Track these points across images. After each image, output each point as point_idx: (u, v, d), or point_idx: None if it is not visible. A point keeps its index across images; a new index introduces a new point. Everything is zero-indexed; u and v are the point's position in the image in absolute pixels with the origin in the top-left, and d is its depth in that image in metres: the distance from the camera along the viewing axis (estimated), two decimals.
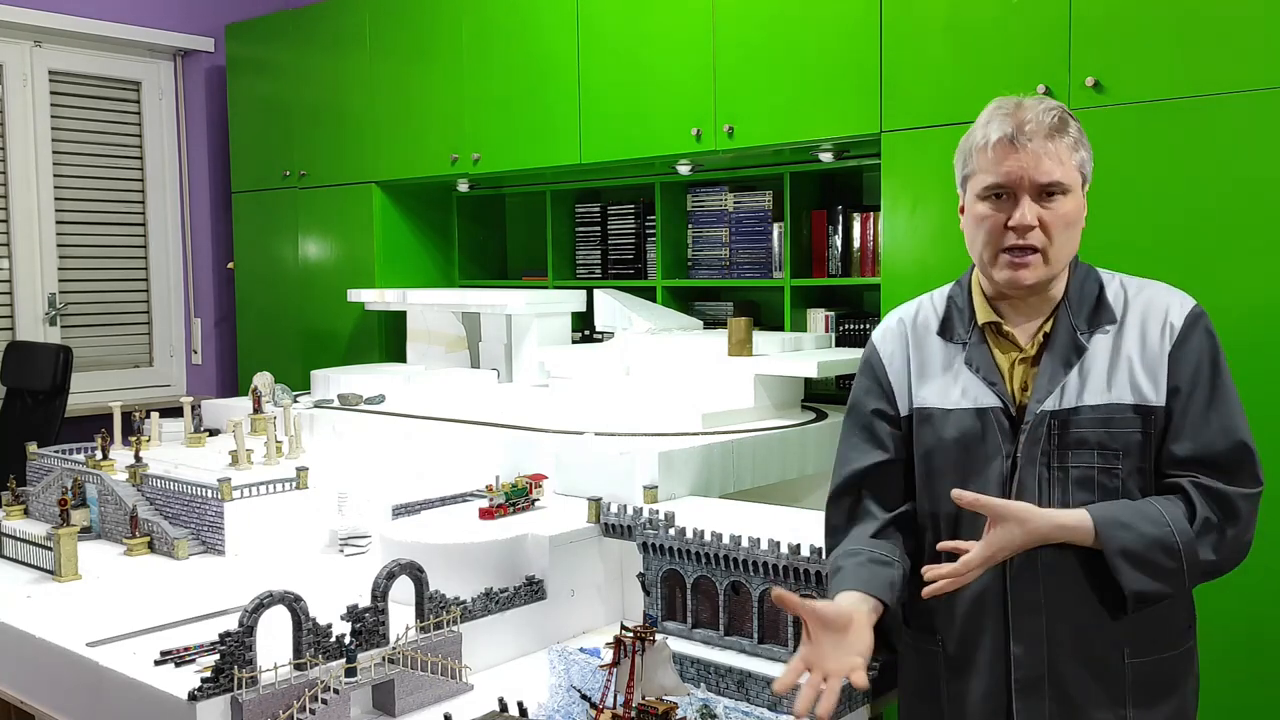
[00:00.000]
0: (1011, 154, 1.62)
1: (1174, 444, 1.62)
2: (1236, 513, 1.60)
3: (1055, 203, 1.63)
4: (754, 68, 3.36)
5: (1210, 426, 1.61)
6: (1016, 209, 1.62)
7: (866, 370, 1.83)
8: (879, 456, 1.78)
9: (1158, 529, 1.56)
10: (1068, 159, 1.63)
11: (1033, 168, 1.61)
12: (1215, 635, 1.86)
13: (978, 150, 1.66)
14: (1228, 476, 1.60)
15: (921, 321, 1.80)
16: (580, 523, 2.27)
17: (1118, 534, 1.56)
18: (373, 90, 4.49)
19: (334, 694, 1.70)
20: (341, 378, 3.75)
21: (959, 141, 1.73)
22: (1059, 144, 1.62)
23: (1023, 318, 1.71)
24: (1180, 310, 1.66)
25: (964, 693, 1.71)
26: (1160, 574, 1.57)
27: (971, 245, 1.72)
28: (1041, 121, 1.61)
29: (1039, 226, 1.62)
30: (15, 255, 4.82)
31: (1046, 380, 1.65)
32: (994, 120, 1.65)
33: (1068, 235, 1.65)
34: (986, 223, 1.66)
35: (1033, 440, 1.64)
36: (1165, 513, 1.58)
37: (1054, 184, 1.62)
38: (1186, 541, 1.56)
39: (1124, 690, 1.64)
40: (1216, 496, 1.59)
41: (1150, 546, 1.56)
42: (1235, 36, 2.56)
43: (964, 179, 1.71)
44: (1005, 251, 1.64)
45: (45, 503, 2.89)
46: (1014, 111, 1.64)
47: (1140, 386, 1.63)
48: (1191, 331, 1.64)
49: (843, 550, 1.72)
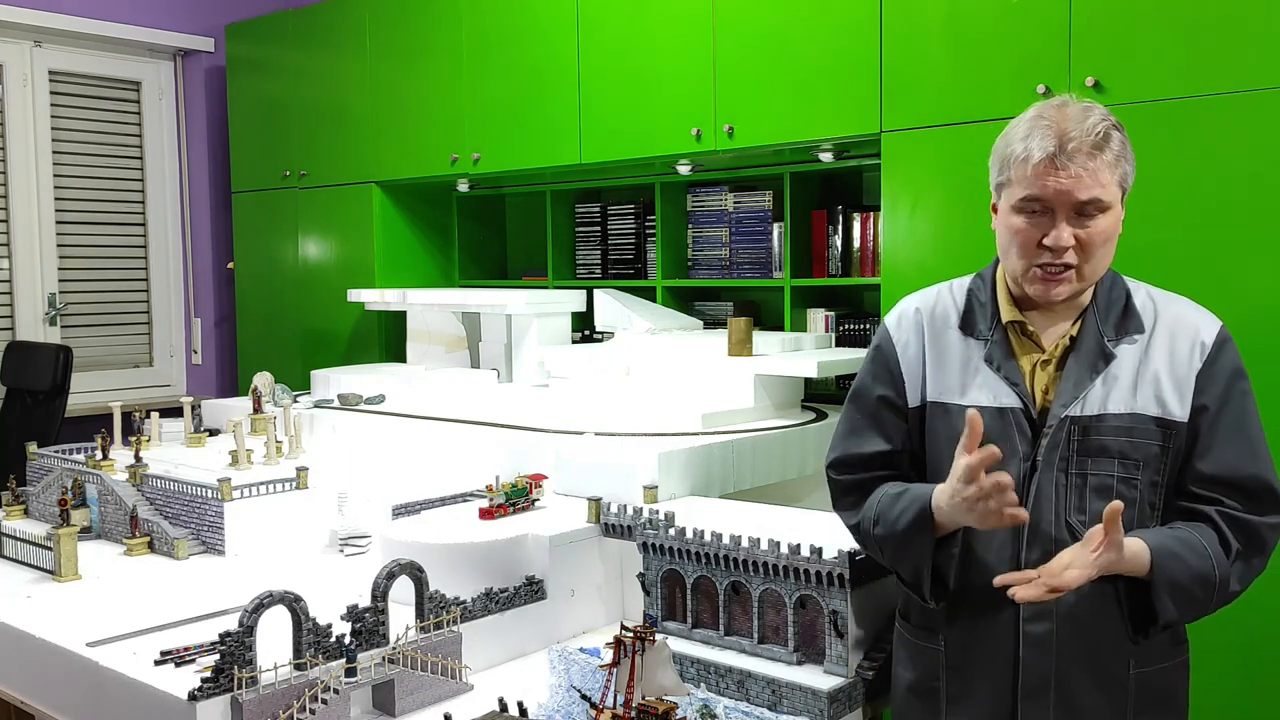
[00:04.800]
0: (1052, 173, 1.57)
1: (1200, 461, 1.62)
2: (1264, 544, 1.61)
3: (1093, 221, 1.59)
4: (754, 68, 3.36)
5: (1238, 449, 1.61)
6: (1052, 228, 1.59)
7: (877, 356, 1.80)
8: (881, 445, 1.76)
9: (1202, 562, 1.57)
10: (1109, 178, 1.59)
11: (1072, 188, 1.56)
12: (1207, 645, 1.86)
13: (1017, 162, 1.60)
14: (1254, 504, 1.61)
15: (940, 313, 1.76)
16: (580, 523, 2.27)
17: (1170, 565, 1.56)
18: (373, 90, 4.49)
19: (334, 694, 1.70)
20: (341, 378, 3.75)
21: (995, 142, 1.68)
22: (1100, 161, 1.57)
23: (1048, 320, 1.69)
24: (1210, 330, 1.65)
25: (966, 694, 1.70)
26: (1193, 605, 1.59)
27: (1004, 253, 1.68)
28: (1085, 139, 1.56)
29: (1074, 245, 1.59)
30: (15, 255, 4.82)
31: (1072, 385, 1.63)
32: (1035, 133, 1.59)
33: (1104, 251, 1.63)
34: (1020, 236, 1.62)
35: (1053, 445, 1.62)
36: (1207, 545, 1.58)
37: (1093, 204, 1.58)
38: (1223, 576, 1.57)
39: (1127, 700, 1.64)
40: (1245, 529, 1.60)
41: (1193, 580, 1.56)
42: (1235, 36, 2.56)
43: (999, 185, 1.67)
44: (1039, 267, 1.62)
45: (45, 503, 2.89)
46: (1057, 122, 1.58)
47: (1166, 401, 1.61)
48: (1221, 352, 1.64)
49: (891, 489, 1.71)
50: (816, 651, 1.92)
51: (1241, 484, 1.61)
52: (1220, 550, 1.58)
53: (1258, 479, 1.61)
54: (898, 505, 1.67)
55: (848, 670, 1.87)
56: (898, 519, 1.66)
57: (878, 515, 1.71)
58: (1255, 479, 1.61)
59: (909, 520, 1.64)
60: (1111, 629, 1.63)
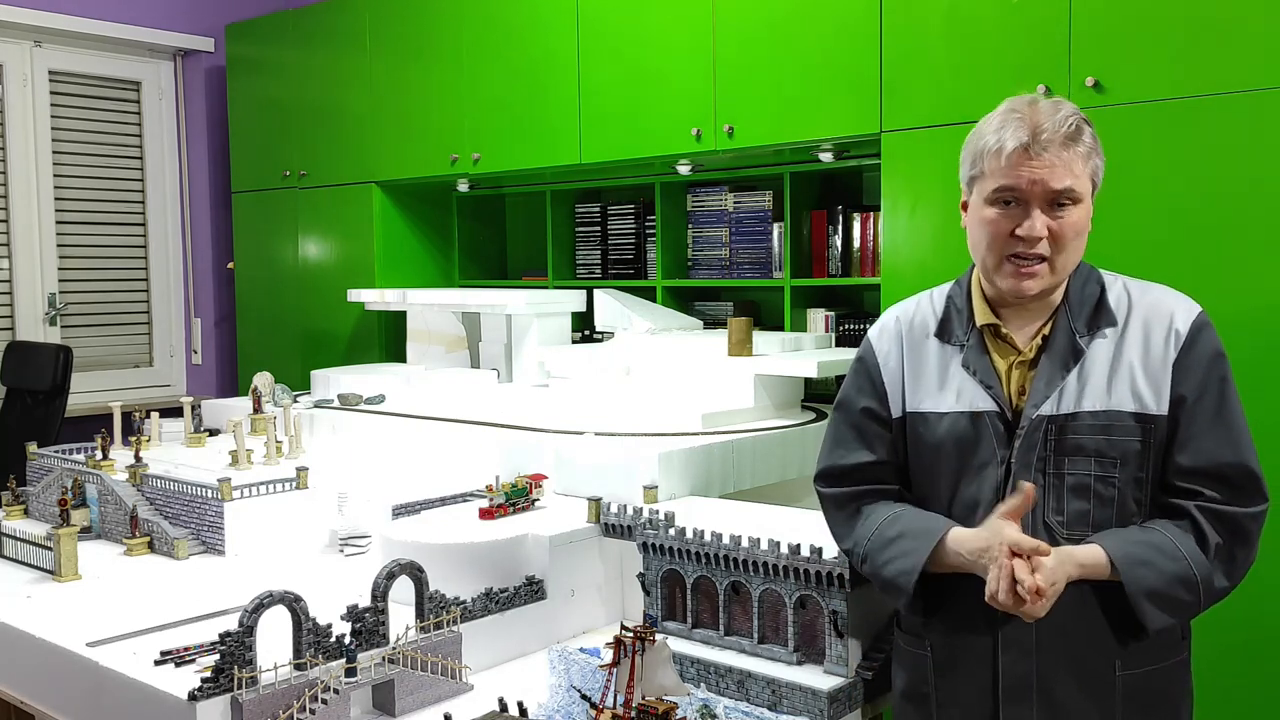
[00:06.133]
0: (1025, 162, 1.57)
1: (1180, 454, 1.60)
2: (1247, 535, 1.59)
3: (1065, 212, 1.60)
4: (754, 68, 3.36)
5: (1217, 437, 1.59)
6: (1026, 218, 1.59)
7: (860, 368, 1.81)
8: (866, 456, 1.76)
9: (1176, 564, 1.55)
10: (1081, 169, 1.60)
11: (1046, 177, 1.57)
12: (1210, 645, 1.86)
13: (990, 154, 1.61)
14: (1234, 494, 1.59)
15: (919, 322, 1.77)
16: (580, 523, 2.27)
17: (1141, 574, 1.54)
18: (373, 90, 4.49)
19: (334, 694, 1.70)
20: (341, 378, 3.75)
21: (965, 139, 1.70)
22: (1073, 152, 1.58)
23: (1022, 320, 1.68)
24: (1186, 316, 1.63)
25: (953, 698, 1.70)
26: (1179, 608, 1.57)
27: (974, 248, 1.68)
28: (1057, 130, 1.57)
29: (1047, 236, 1.59)
30: (15, 255, 4.82)
31: (1044, 384, 1.62)
32: (1009, 125, 1.60)
33: (1075, 244, 1.62)
34: (992, 228, 1.62)
35: (1028, 446, 1.61)
36: (1180, 545, 1.56)
37: (1066, 194, 1.59)
38: (1204, 575, 1.56)
39: (1114, 702, 1.62)
40: (1225, 520, 1.58)
41: (1171, 584, 1.55)
42: (1235, 36, 2.56)
43: (971, 179, 1.67)
44: (1011, 259, 1.61)
45: (45, 503, 2.89)
46: (1029, 115, 1.59)
47: (1142, 394, 1.60)
48: (1197, 339, 1.61)
49: (886, 515, 1.70)
50: (816, 652, 1.92)
51: (1222, 473, 1.59)
52: (1196, 548, 1.56)
53: (1238, 466, 1.59)
54: (888, 551, 1.67)
55: (848, 670, 1.87)
56: (886, 565, 1.66)
57: (867, 554, 1.71)
58: (1235, 466, 1.59)
59: (896, 573, 1.64)
60: (1092, 630, 1.61)
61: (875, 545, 1.69)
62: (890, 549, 1.66)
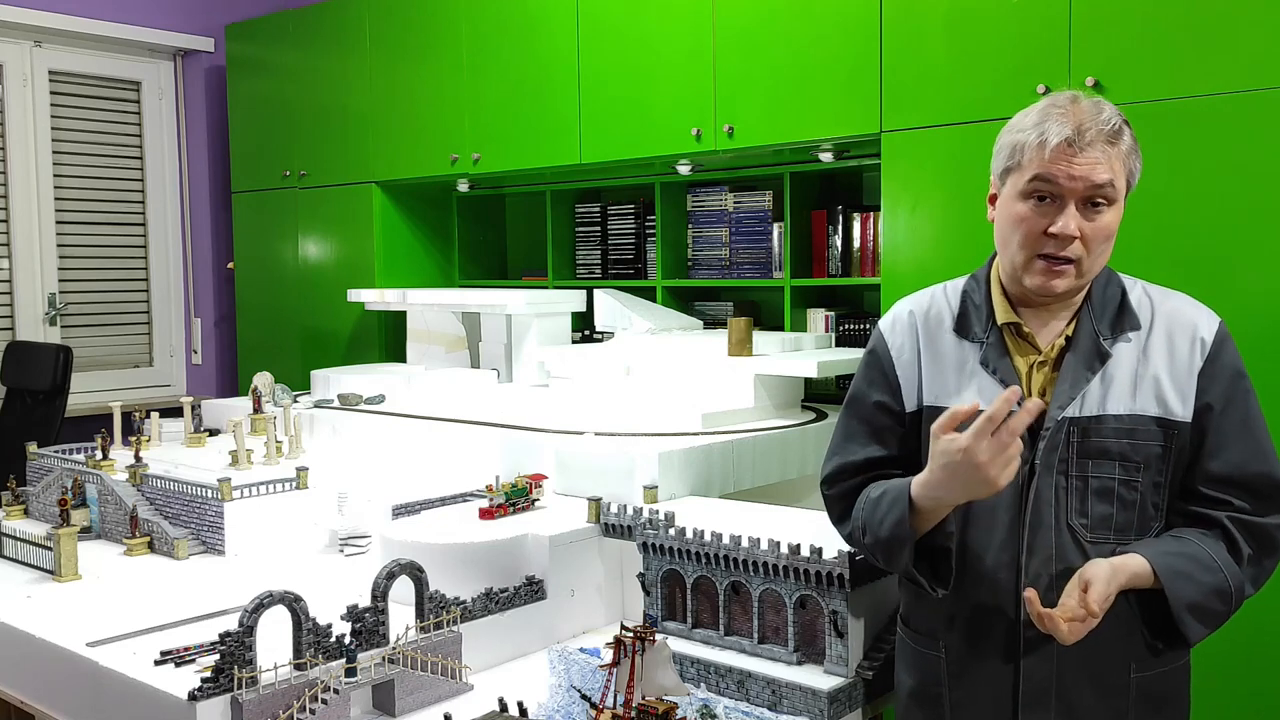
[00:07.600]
0: (1068, 157, 1.55)
1: (1210, 462, 1.60)
2: (1276, 547, 1.60)
3: (1099, 213, 1.58)
4: (754, 68, 3.36)
5: (1246, 447, 1.60)
6: (1060, 216, 1.57)
7: (872, 361, 1.78)
8: (878, 452, 1.74)
9: (1214, 576, 1.55)
10: (1120, 169, 1.58)
11: (1088, 173, 1.55)
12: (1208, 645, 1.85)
13: (1031, 146, 1.58)
14: (1262, 504, 1.60)
15: (934, 315, 1.74)
16: (580, 523, 2.27)
17: (1183, 587, 1.54)
18: (373, 90, 4.49)
19: (334, 694, 1.70)
20: (341, 378, 3.75)
21: (999, 133, 1.66)
22: (1115, 151, 1.57)
23: (1043, 320, 1.66)
24: (1209, 325, 1.63)
25: (968, 701, 1.69)
26: (1215, 619, 1.58)
27: (1003, 244, 1.65)
28: (1101, 129, 1.56)
29: (1079, 238, 1.57)
30: (15, 255, 4.82)
31: (1068, 386, 1.60)
32: (1051, 118, 1.57)
33: (1104, 248, 1.61)
34: (1024, 225, 1.59)
35: (1051, 448, 1.60)
36: (1215, 556, 1.57)
37: (1105, 193, 1.56)
38: (1238, 586, 1.56)
39: (1127, 704, 1.63)
40: (1255, 531, 1.59)
41: (1209, 595, 1.55)
42: (1235, 36, 2.56)
43: (1006, 170, 1.63)
44: (1041, 258, 1.59)
45: (45, 503, 2.89)
46: (1072, 112, 1.57)
47: (1167, 400, 1.59)
48: (1223, 349, 1.62)
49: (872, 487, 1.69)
50: (816, 652, 1.92)
51: (1250, 483, 1.60)
52: (1230, 559, 1.57)
53: (1266, 477, 1.60)
54: (879, 510, 1.64)
55: (848, 670, 1.87)
56: (880, 523, 1.63)
57: (864, 523, 1.68)
58: (1264, 477, 1.60)
59: (891, 524, 1.61)
60: (1111, 634, 1.60)
61: (867, 511, 1.67)
62: (879, 508, 1.64)
